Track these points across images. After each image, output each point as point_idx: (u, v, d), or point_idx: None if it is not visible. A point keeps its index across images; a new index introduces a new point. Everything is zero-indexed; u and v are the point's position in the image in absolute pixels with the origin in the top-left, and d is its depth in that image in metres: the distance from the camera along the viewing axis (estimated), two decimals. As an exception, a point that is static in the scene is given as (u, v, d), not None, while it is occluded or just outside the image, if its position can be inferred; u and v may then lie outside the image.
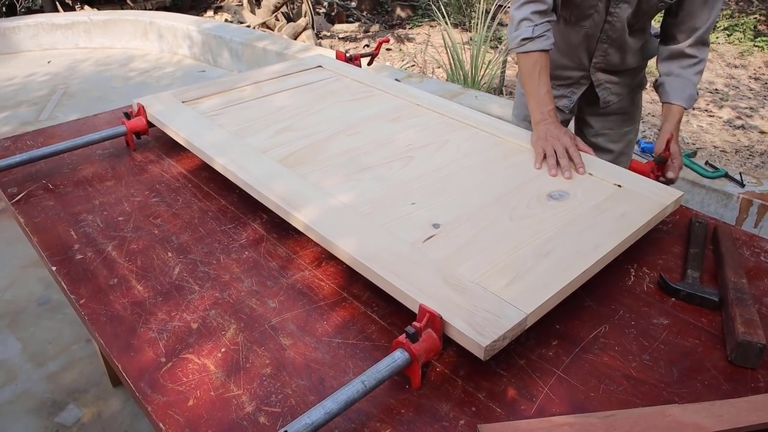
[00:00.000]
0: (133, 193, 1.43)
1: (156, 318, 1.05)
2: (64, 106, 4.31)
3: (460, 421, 0.87)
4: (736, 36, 6.02)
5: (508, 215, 1.17)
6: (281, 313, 1.06)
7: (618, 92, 1.80)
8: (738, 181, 2.52)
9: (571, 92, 1.81)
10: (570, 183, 1.28)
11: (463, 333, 0.88)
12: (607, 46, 1.67)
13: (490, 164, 1.35)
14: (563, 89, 1.82)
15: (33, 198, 1.42)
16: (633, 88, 1.82)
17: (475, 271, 1.01)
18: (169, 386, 0.92)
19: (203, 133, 1.45)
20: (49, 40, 5.45)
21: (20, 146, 1.66)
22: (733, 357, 0.97)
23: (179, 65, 5.20)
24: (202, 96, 1.69)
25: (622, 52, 1.68)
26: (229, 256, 1.21)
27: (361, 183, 1.27)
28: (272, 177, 1.27)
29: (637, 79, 1.82)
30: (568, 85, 1.80)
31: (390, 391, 0.92)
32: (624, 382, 0.93)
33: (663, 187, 1.26)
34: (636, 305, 1.09)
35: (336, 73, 1.90)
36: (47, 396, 1.96)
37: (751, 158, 3.84)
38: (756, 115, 4.44)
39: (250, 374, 0.94)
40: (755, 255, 1.23)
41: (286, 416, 0.87)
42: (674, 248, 1.25)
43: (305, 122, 1.55)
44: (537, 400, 0.90)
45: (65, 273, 1.17)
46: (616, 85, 1.78)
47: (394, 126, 1.54)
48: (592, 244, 1.07)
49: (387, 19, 7.30)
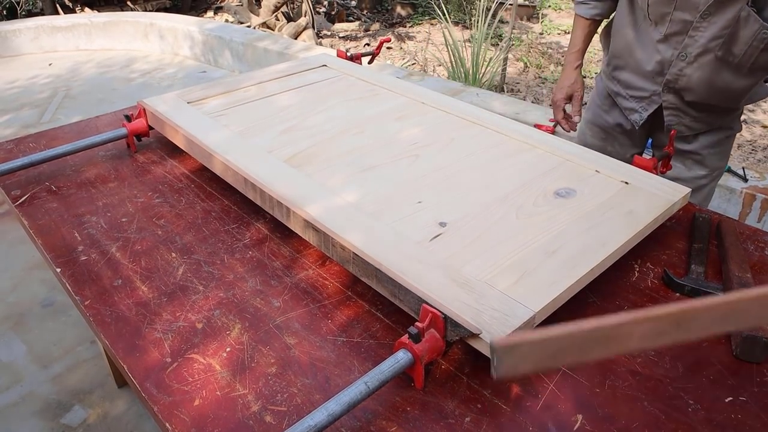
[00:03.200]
0: (136, 194, 1.43)
1: (161, 318, 1.06)
2: (65, 108, 4.31)
3: (466, 419, 0.87)
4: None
5: (514, 213, 1.17)
6: (286, 313, 1.06)
7: (694, 128, 1.59)
8: (741, 175, 2.51)
9: (642, 108, 1.65)
10: (577, 180, 1.28)
11: (471, 332, 0.88)
12: (684, 65, 1.48)
13: (497, 162, 1.35)
14: (635, 102, 1.67)
15: (36, 200, 1.42)
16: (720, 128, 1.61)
17: (483, 270, 1.01)
18: (174, 386, 0.92)
19: (210, 133, 1.45)
20: (50, 42, 5.45)
21: (23, 149, 1.66)
22: (738, 352, 0.97)
23: (180, 66, 5.21)
24: (207, 96, 1.69)
25: (705, 82, 1.47)
26: (233, 256, 1.21)
27: (367, 182, 1.27)
28: (278, 177, 1.27)
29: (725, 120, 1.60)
30: (640, 99, 1.65)
31: (395, 389, 0.92)
32: (629, 378, 0.93)
33: (670, 183, 1.25)
34: (640, 301, 1.09)
35: (340, 72, 1.90)
36: (52, 397, 1.97)
37: (754, 153, 3.84)
38: (758, 110, 4.43)
39: (255, 373, 0.94)
40: (759, 249, 1.23)
41: (292, 415, 0.87)
42: (678, 243, 1.25)
43: (310, 121, 1.55)
44: (542, 397, 0.90)
45: (70, 274, 1.17)
46: (693, 120, 1.58)
47: (400, 124, 1.54)
48: (599, 242, 1.07)
49: (387, 18, 7.30)
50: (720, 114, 1.59)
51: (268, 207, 1.25)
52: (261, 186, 1.24)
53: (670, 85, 1.55)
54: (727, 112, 1.59)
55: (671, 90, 1.56)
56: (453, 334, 0.90)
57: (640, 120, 1.67)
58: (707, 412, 0.88)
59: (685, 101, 1.56)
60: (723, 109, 1.57)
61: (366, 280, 1.05)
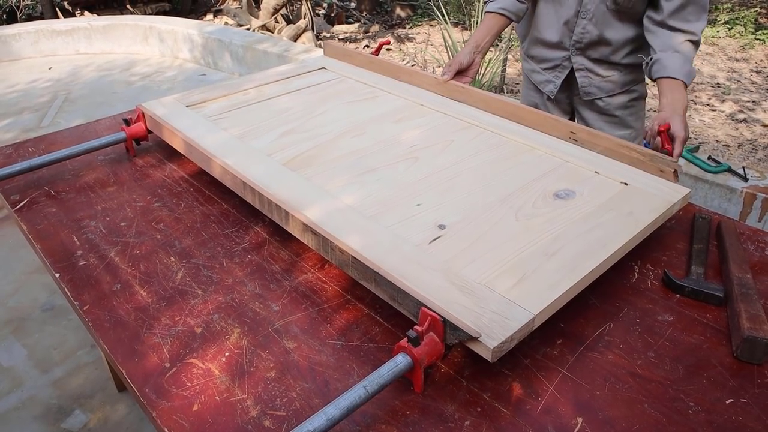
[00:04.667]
0: (135, 198, 1.43)
1: (160, 323, 1.05)
2: (66, 112, 4.32)
3: (466, 422, 0.86)
4: (737, 29, 6.00)
5: (514, 215, 1.16)
6: (285, 317, 1.06)
7: (603, 88, 1.80)
8: (741, 175, 2.51)
9: (555, 76, 1.86)
10: (576, 181, 1.27)
11: (470, 335, 0.88)
12: (586, 23, 1.69)
13: (496, 164, 1.35)
14: (548, 73, 1.88)
15: (35, 205, 1.42)
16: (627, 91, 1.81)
17: (482, 272, 1.00)
18: (173, 391, 0.92)
19: (208, 137, 1.45)
20: (50, 46, 5.46)
21: (22, 153, 1.66)
22: (738, 353, 0.96)
23: (180, 69, 5.21)
24: (206, 100, 1.69)
25: (604, 33, 1.67)
26: (232, 260, 1.21)
27: (367, 185, 1.27)
28: (277, 180, 1.27)
29: (629, 78, 1.79)
30: (552, 68, 1.86)
31: (395, 393, 0.91)
32: (629, 380, 0.93)
33: (670, 184, 1.25)
34: (640, 302, 1.09)
35: (340, 74, 1.90)
36: (53, 402, 1.97)
37: (755, 152, 3.83)
38: (758, 109, 4.42)
39: (254, 378, 0.94)
40: (760, 250, 1.23)
41: (291, 420, 0.87)
42: (678, 244, 1.25)
43: (310, 124, 1.55)
44: (542, 400, 0.90)
45: (68, 279, 1.17)
46: (602, 79, 1.78)
47: (399, 126, 1.53)
48: (599, 244, 1.07)
49: (387, 19, 7.30)
50: (624, 73, 1.78)
51: (267, 210, 1.25)
52: (259, 189, 1.24)
53: (577, 46, 1.76)
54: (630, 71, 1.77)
55: (579, 50, 1.77)
56: (452, 338, 0.90)
57: (555, 89, 1.88)
58: (708, 414, 0.87)
59: (592, 59, 1.77)
60: (624, 66, 1.76)
61: (365, 284, 1.05)
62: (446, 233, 1.11)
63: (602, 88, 1.81)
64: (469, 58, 1.77)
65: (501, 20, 1.79)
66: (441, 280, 0.98)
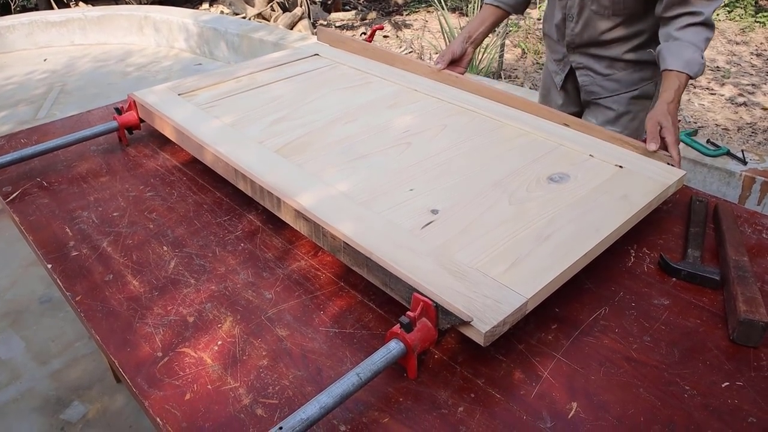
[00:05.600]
0: (128, 188, 1.42)
1: (152, 313, 1.05)
2: (61, 104, 4.29)
3: (459, 408, 0.86)
4: (737, 12, 5.95)
5: (507, 199, 1.15)
6: (277, 305, 1.05)
7: (607, 87, 1.72)
8: (740, 158, 2.49)
9: (560, 69, 1.83)
10: (571, 165, 1.26)
11: (462, 319, 0.87)
12: (573, 24, 1.67)
13: (489, 148, 1.34)
14: (555, 65, 1.86)
15: (28, 196, 1.41)
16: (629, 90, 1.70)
17: (475, 257, 1.00)
18: (165, 381, 0.91)
19: (200, 125, 1.44)
20: (45, 37, 5.43)
21: (14, 145, 1.64)
22: (735, 336, 0.95)
23: (176, 59, 5.18)
24: (198, 88, 1.68)
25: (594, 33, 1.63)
26: (225, 249, 1.20)
27: (359, 170, 1.26)
28: (269, 167, 1.26)
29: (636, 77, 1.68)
30: (558, 61, 1.84)
31: (388, 380, 0.91)
32: (625, 365, 0.92)
33: (665, 167, 1.24)
34: (636, 286, 1.08)
35: (333, 61, 1.88)
36: (52, 393, 1.97)
37: (754, 135, 3.81)
38: (758, 92, 4.39)
39: (246, 366, 0.93)
40: (757, 232, 1.22)
41: (283, 408, 0.86)
42: (675, 228, 1.24)
43: (302, 111, 1.53)
44: (537, 385, 0.89)
45: (61, 271, 1.16)
46: (604, 77, 1.71)
47: (392, 112, 1.52)
48: (593, 227, 1.06)
49: (384, 6, 7.25)
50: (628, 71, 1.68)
51: (259, 197, 1.24)
52: (251, 176, 1.23)
53: (571, 46, 1.73)
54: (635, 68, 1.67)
55: (573, 50, 1.73)
56: (444, 323, 0.89)
57: (561, 81, 1.84)
58: (703, 398, 0.87)
59: (590, 56, 1.71)
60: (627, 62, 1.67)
61: (357, 270, 1.04)
62: (439, 218, 1.10)
63: (606, 88, 1.72)
64: (462, 49, 1.75)
65: (497, 12, 1.76)
66: (433, 264, 0.97)
